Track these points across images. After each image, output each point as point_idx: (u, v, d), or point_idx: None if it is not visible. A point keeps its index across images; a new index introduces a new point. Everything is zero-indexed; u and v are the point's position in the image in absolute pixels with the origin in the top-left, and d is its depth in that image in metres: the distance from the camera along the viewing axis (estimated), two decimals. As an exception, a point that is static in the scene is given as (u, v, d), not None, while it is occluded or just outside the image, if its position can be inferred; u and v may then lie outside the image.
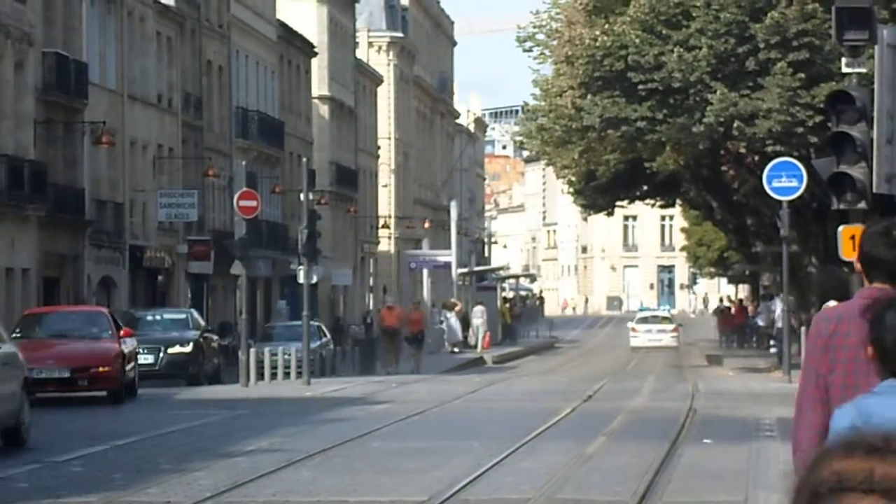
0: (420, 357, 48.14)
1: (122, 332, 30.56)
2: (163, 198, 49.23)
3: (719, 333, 70.40)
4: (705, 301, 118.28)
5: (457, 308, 64.10)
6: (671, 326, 64.00)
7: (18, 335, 28.52)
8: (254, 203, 39.28)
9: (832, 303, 14.53)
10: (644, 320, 65.08)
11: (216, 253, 50.96)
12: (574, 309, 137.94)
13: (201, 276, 52.70)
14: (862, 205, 16.80)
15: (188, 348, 36.84)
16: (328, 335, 41.68)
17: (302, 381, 37.61)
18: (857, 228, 16.85)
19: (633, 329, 64.29)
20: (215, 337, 40.24)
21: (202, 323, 40.08)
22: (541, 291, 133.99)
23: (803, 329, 32.88)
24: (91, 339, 29.58)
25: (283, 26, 66.02)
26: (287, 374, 39.11)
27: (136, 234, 49.11)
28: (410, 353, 48.06)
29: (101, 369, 28.53)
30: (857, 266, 6.12)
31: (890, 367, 4.85)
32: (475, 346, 62.95)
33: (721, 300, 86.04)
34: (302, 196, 41.89)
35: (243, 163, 48.76)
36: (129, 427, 24.16)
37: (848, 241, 16.82)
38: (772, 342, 61.08)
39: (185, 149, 53.50)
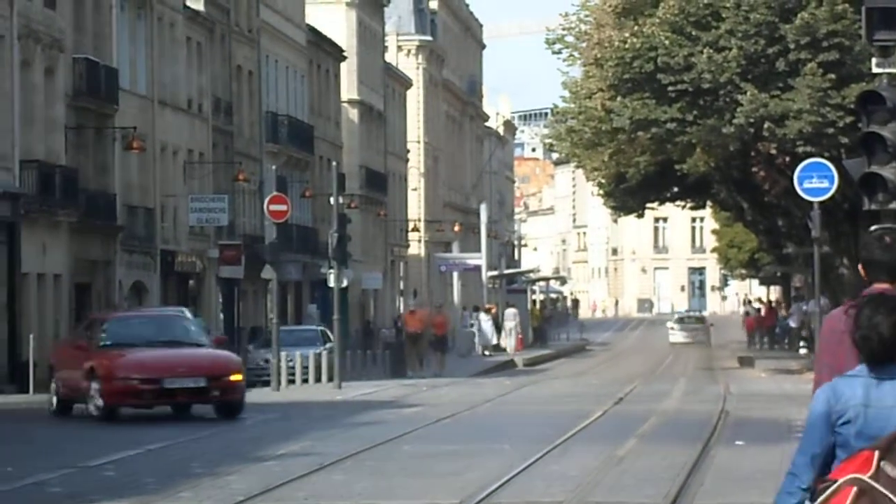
0: (444, 360, 47.92)
1: (214, 339, 30.36)
2: (193, 202, 49.37)
3: (747, 334, 70.47)
4: (746, 302, 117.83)
5: (492, 311, 64.12)
6: (702, 327, 75.29)
7: (106, 342, 27.01)
8: (284, 207, 39.33)
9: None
10: (681, 320, 77.67)
11: (247, 257, 51.08)
12: (604, 311, 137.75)
13: (232, 280, 52.83)
14: (893, 205, 16.73)
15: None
16: (332, 340, 39.78)
17: (333, 384, 37.66)
18: (889, 229, 16.81)
19: (672, 328, 76.00)
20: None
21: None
22: (574, 294, 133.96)
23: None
24: (193, 345, 27.57)
25: (313, 30, 66.14)
26: (318, 378, 39.17)
27: (167, 238, 49.26)
28: (435, 356, 47.83)
29: (231, 378, 26.66)
30: (861, 270, 6.71)
31: (864, 355, 5.63)
32: (506, 349, 62.93)
33: (749, 301, 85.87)
34: (332, 200, 41.94)
35: (273, 167, 48.86)
36: (163, 432, 24.24)
37: (869, 234, 16.78)
38: (801, 343, 61.08)
39: (216, 153, 53.65)
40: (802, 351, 60.00)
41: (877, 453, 5.57)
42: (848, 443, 5.68)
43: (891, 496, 5.50)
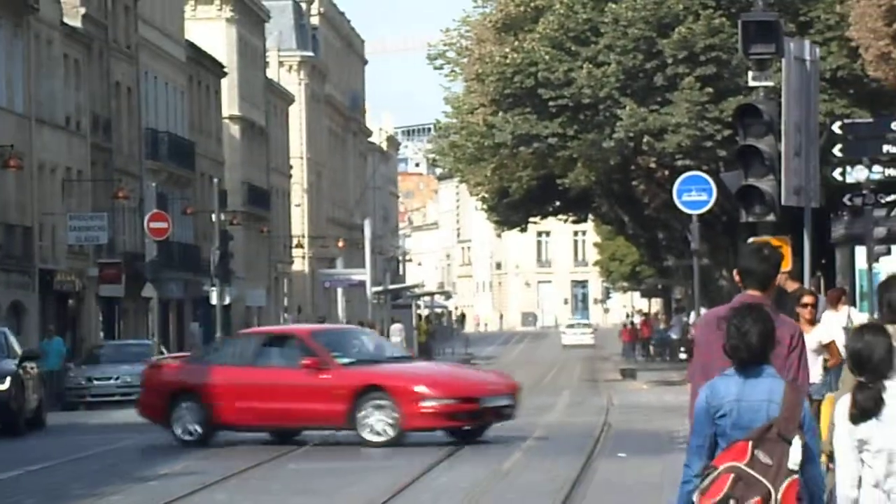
0: None
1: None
2: (72, 221, 48.78)
3: (623, 346, 71.43)
4: (629, 315, 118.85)
5: (375, 328, 64.04)
6: (590, 330, 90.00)
7: (342, 359, 23.00)
8: (164, 225, 39.05)
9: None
10: (571, 326, 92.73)
11: (127, 275, 50.55)
12: (486, 325, 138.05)
13: (112, 299, 52.25)
14: (771, 217, 16.94)
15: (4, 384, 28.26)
16: (165, 354, 37.35)
17: (216, 403, 37.30)
18: (766, 241, 17.01)
19: (564, 332, 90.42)
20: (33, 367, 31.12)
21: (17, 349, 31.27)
22: (461, 309, 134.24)
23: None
24: (406, 359, 25.30)
25: (192, 46, 65.69)
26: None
27: (45, 257, 48.60)
28: None
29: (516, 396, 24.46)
30: (736, 277, 7.61)
31: (735, 361, 6.64)
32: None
33: (627, 315, 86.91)
34: (213, 217, 41.67)
35: (153, 184, 48.43)
36: (40, 453, 23.87)
37: (743, 246, 16.97)
38: (681, 354, 61.88)
39: (95, 171, 53.05)
40: (683, 358, 60.80)
41: (751, 443, 6.49)
42: (725, 432, 6.63)
43: (762, 479, 6.42)
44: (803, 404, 6.68)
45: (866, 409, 6.77)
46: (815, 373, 13.63)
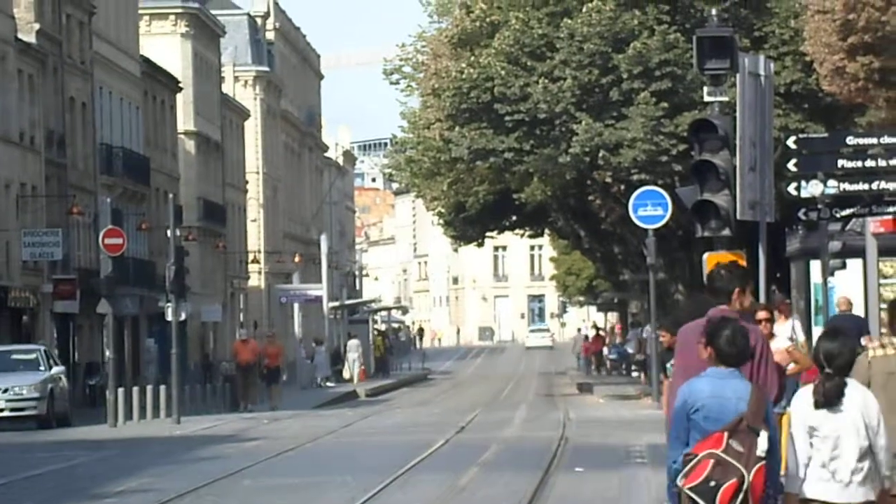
0: (278, 393, 46.36)
1: None
2: (26, 237, 48.49)
3: (578, 360, 71.64)
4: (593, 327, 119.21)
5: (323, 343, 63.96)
6: (549, 334, 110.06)
7: None
8: (119, 240, 38.81)
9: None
10: (533, 331, 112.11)
11: (82, 291, 50.26)
12: (440, 340, 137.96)
13: (67, 315, 51.94)
14: (726, 232, 16.98)
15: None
16: (57, 362, 36.47)
17: (172, 419, 37.16)
18: (722, 255, 17.03)
19: (528, 336, 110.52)
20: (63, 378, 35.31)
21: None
22: (419, 324, 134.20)
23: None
24: None
25: (147, 62, 65.47)
26: (156, 414, 38.60)
27: (-1, 274, 48.32)
28: (269, 388, 46.11)
29: None
30: (707, 293, 9.18)
31: (723, 361, 7.87)
32: (351, 380, 62.75)
33: (579, 330, 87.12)
34: (169, 232, 41.49)
35: (108, 200, 48.21)
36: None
37: (713, 267, 17.00)
38: (633, 367, 62.10)
39: (49, 187, 52.76)
40: (634, 374, 61.02)
41: (726, 434, 7.70)
42: (698, 425, 7.80)
43: (736, 463, 7.66)
44: (767, 402, 7.90)
45: (830, 397, 7.95)
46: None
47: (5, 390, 34.32)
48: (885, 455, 8.05)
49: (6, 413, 34.10)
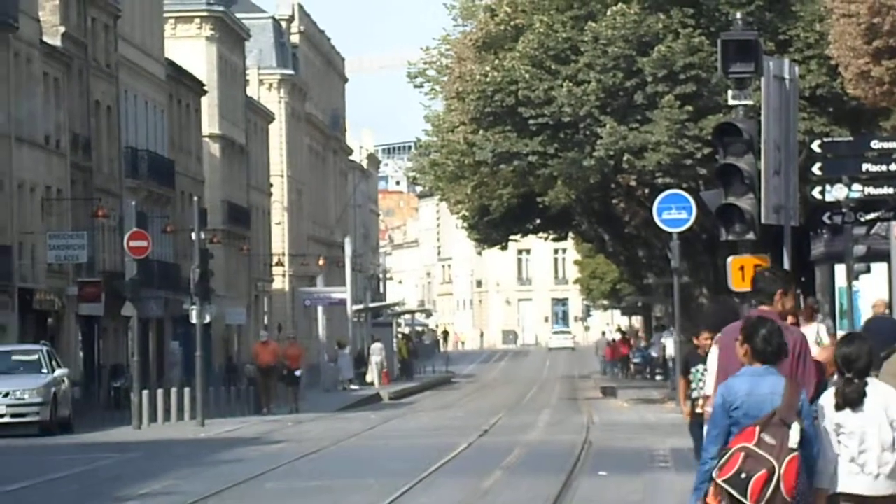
0: (298, 395, 46.01)
1: None
2: (52, 239, 48.63)
3: (601, 364, 71.50)
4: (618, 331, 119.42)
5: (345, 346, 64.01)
6: (570, 336, 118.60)
7: None
8: (144, 243, 38.88)
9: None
10: (556, 333, 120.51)
11: (107, 294, 50.39)
12: (463, 344, 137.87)
13: (92, 317, 52.08)
14: (750, 235, 16.94)
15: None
16: (61, 366, 34.88)
17: (196, 422, 37.23)
18: (746, 259, 17.00)
19: (551, 337, 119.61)
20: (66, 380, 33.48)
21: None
22: (444, 326, 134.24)
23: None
24: None
25: (172, 65, 65.63)
26: (181, 416, 38.68)
27: (24, 276, 48.44)
28: (288, 391, 45.74)
29: None
30: (752, 296, 9.48)
31: (759, 359, 8.31)
32: (373, 383, 62.76)
33: (604, 333, 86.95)
34: (193, 235, 41.56)
35: (133, 203, 48.30)
36: (18, 472, 23.75)
37: (737, 271, 16.96)
38: (657, 370, 61.99)
39: (74, 190, 52.92)
40: (658, 378, 60.90)
41: (758, 428, 8.10)
42: (738, 421, 8.19)
43: (767, 455, 8.03)
44: (801, 397, 8.22)
45: (851, 400, 8.45)
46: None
47: (6, 394, 32.32)
48: None
49: (6, 419, 32.20)
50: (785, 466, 8.03)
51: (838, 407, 8.44)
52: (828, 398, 8.55)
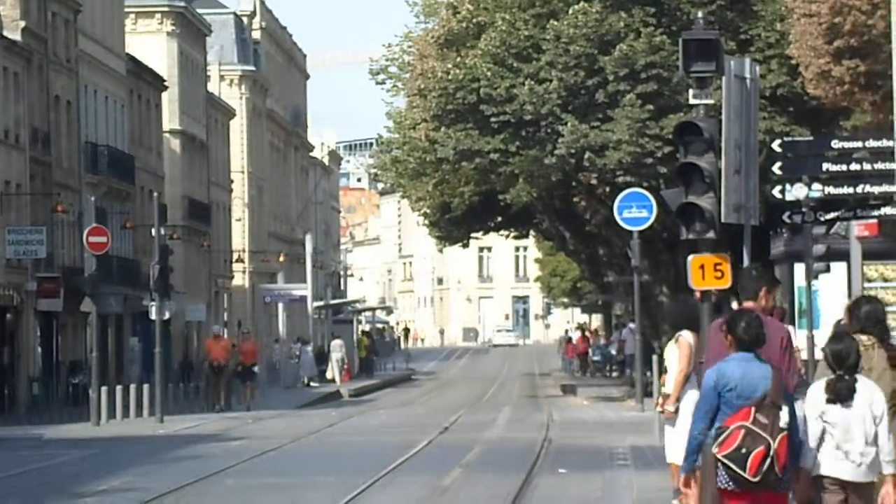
0: (253, 393, 44.85)
1: None
2: (10, 235, 48.36)
3: (562, 362, 71.71)
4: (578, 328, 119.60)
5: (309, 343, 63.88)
6: (513, 334, 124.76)
7: None
8: (104, 239, 38.72)
9: (686, 332, 14.68)
10: (500, 331, 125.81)
11: (66, 290, 50.14)
12: (423, 341, 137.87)
13: (51, 313, 51.82)
14: (710, 234, 16.97)
15: None
16: None
17: (155, 418, 37.10)
18: (705, 258, 17.03)
19: (495, 335, 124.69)
20: None
21: None
22: (405, 324, 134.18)
23: (654, 357, 33.23)
24: None
25: (133, 60, 65.35)
26: (139, 413, 38.53)
27: (-17, 271, 48.19)
28: (244, 388, 44.43)
29: None
30: (739, 290, 10.48)
31: (741, 347, 9.31)
32: (333, 380, 62.69)
33: (566, 331, 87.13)
34: (153, 231, 41.39)
35: (92, 198, 48.07)
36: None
37: (697, 270, 16.98)
38: (613, 367, 62.23)
39: (33, 185, 52.63)
40: (613, 375, 61.13)
41: (753, 408, 9.08)
42: (731, 402, 9.18)
43: (763, 433, 9.03)
44: (785, 384, 9.36)
45: (842, 395, 9.32)
46: None
47: None
48: (884, 441, 9.43)
49: None
50: (777, 444, 9.02)
51: (829, 401, 9.33)
52: (817, 391, 9.41)
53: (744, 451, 9.04)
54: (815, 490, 9.39)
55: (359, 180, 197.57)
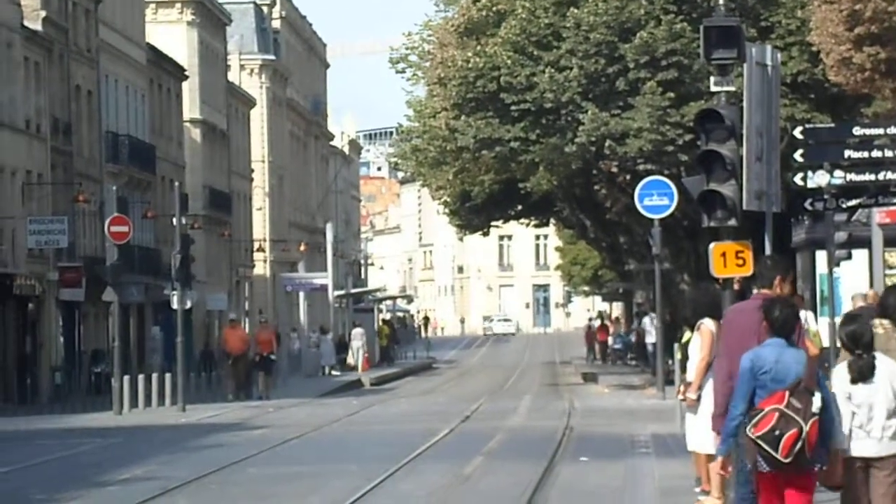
0: (270, 382, 43.87)
1: None
2: (32, 224, 48.49)
3: (587, 350, 71.83)
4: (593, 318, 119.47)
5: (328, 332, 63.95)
6: (510, 323, 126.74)
7: None
8: (125, 228, 38.80)
9: (707, 320, 14.66)
10: (499, 320, 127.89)
11: (88, 279, 50.27)
12: (443, 329, 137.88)
13: (73, 303, 51.97)
14: (732, 222, 16.94)
15: None
16: None
17: (177, 407, 37.19)
18: (727, 245, 17.00)
19: (494, 324, 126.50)
20: None
21: None
22: (425, 312, 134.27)
23: (676, 345, 33.21)
24: None
25: (153, 50, 65.44)
26: (161, 402, 38.63)
27: (4, 261, 48.30)
28: (261, 378, 43.21)
29: None
30: (737, 283, 12.53)
31: (776, 333, 9.80)
32: (355, 368, 62.77)
33: (590, 319, 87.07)
34: (174, 220, 41.46)
35: (114, 188, 48.20)
36: (-1, 458, 23.70)
37: (719, 257, 16.95)
38: (630, 356, 62.22)
39: (55, 175, 52.76)
40: (631, 363, 61.08)
41: (787, 392, 9.54)
42: (766, 384, 9.66)
43: (796, 417, 9.47)
44: (817, 369, 9.78)
45: (864, 373, 9.84)
46: None
47: None
48: None
49: None
50: (809, 428, 9.44)
51: (853, 381, 9.86)
52: (841, 372, 9.95)
53: (777, 433, 9.44)
54: (845, 471, 9.87)
55: (379, 169, 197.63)
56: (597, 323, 75.39)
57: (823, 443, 9.60)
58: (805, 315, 20.50)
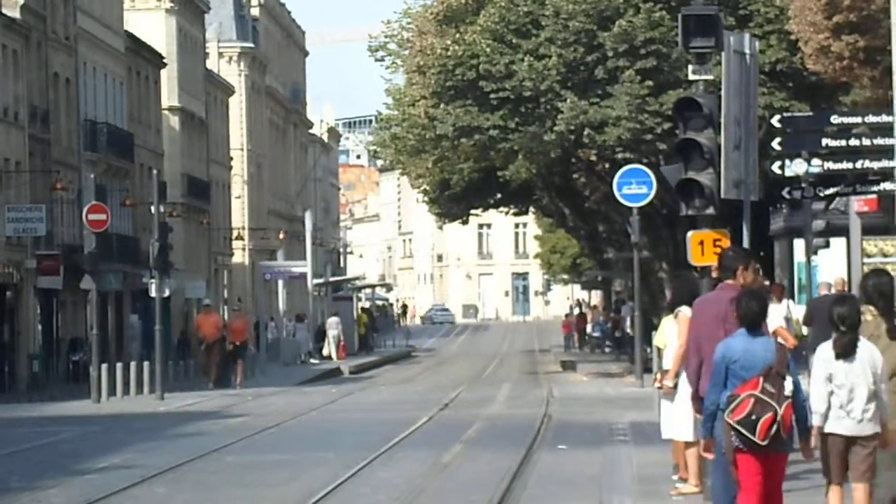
0: (243, 370, 42.96)
1: None
2: (9, 212, 48.37)
3: (564, 338, 72.12)
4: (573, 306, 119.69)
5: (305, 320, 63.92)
6: (450, 313, 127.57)
7: None
8: (103, 216, 38.72)
9: (685, 308, 14.71)
10: (438, 311, 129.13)
11: (66, 267, 50.17)
12: (422, 319, 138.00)
13: (51, 291, 51.87)
14: (710, 210, 16.97)
15: None
16: None
17: (155, 395, 37.16)
18: (705, 234, 17.04)
19: (435, 314, 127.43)
20: None
21: None
22: (404, 300, 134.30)
23: (654, 333, 33.30)
24: None
25: (131, 37, 65.26)
26: (140, 390, 38.58)
27: (-18, 249, 48.19)
28: (234, 366, 42.20)
29: None
30: (716, 271, 11.72)
31: (745, 324, 10.24)
32: (330, 357, 62.75)
33: (571, 307, 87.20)
34: (153, 208, 41.37)
35: (92, 176, 48.05)
36: (-23, 447, 23.65)
37: (697, 246, 16.98)
38: (607, 343, 62.40)
39: (32, 162, 52.62)
40: (607, 350, 61.26)
41: (761, 378, 10.03)
42: (737, 373, 10.13)
43: (770, 401, 9.98)
44: (787, 356, 10.28)
45: (846, 349, 10.34)
46: None
47: None
48: (886, 397, 10.43)
49: None
50: (784, 410, 9.98)
51: (837, 356, 10.36)
52: (825, 350, 10.44)
53: (753, 417, 9.95)
54: (821, 444, 10.47)
55: (358, 157, 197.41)
56: (576, 311, 75.57)
57: (797, 423, 10.15)
58: (787, 303, 20.84)
